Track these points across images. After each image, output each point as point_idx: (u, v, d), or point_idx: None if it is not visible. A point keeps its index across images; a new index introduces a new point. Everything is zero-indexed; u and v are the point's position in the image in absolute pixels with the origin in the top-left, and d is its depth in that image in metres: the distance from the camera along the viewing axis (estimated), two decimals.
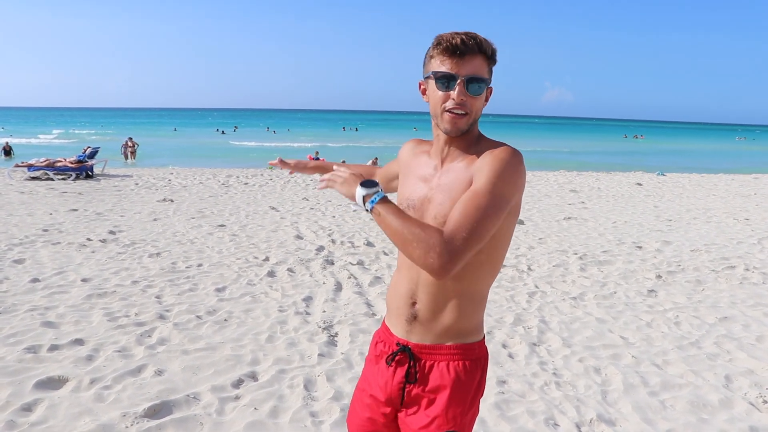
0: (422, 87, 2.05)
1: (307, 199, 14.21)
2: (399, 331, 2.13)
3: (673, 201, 16.16)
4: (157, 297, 6.33)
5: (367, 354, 2.35)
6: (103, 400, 4.11)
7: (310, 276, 7.31)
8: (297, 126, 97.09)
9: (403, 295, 2.10)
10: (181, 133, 67.54)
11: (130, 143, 31.26)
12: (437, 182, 2.02)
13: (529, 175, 21.96)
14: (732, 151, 60.99)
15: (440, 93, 1.94)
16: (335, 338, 5.38)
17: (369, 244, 9.16)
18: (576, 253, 8.92)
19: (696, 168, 32.43)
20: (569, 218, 12.35)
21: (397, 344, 2.11)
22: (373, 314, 5.99)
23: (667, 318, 6.19)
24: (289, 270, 7.52)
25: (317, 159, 27.27)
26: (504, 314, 6.10)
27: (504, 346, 5.31)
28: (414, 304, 2.07)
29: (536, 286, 7.14)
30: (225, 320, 5.70)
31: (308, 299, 6.41)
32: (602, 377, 4.77)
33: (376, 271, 7.64)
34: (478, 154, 1.95)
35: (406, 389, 2.08)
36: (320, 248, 8.79)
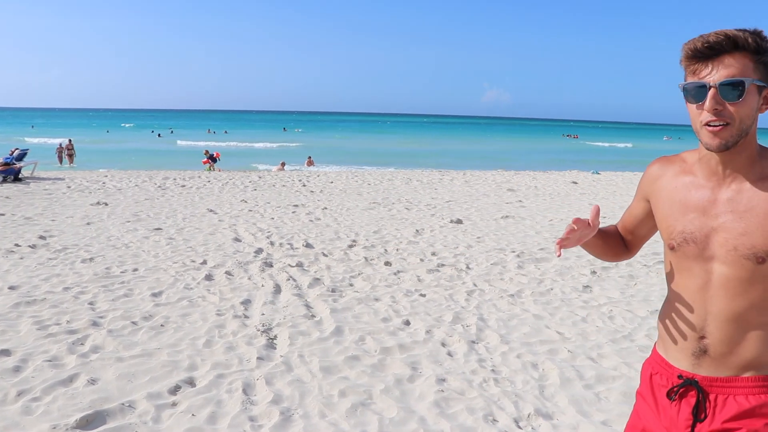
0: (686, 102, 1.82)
1: (246, 201, 14.05)
2: (683, 364, 1.88)
3: (607, 199, 16.56)
4: (91, 303, 6.16)
5: (638, 389, 2.07)
6: (31, 413, 3.97)
7: (249, 279, 7.23)
8: (237, 127, 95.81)
9: (686, 329, 1.86)
10: (114, 135, 65.89)
11: (69, 146, 30.18)
12: (724, 209, 1.77)
13: (468, 175, 22.22)
14: (662, 150, 62.79)
15: (693, 107, 1.73)
16: (274, 341, 5.33)
17: (308, 245, 9.12)
18: (513, 251, 9.05)
19: (630, 165, 33.32)
20: (507, 217, 12.53)
21: (679, 377, 1.88)
22: (313, 316, 5.97)
23: (601, 312, 6.33)
24: (227, 273, 7.42)
25: (212, 157, 26.68)
26: (443, 313, 6.15)
27: (443, 344, 5.34)
28: (702, 338, 1.83)
29: (475, 285, 7.22)
30: (161, 325, 5.59)
31: (247, 302, 6.33)
32: (539, 372, 4.84)
33: (315, 272, 7.60)
34: None
35: (696, 428, 1.84)
36: (259, 250, 8.70)
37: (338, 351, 5.12)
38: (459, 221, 11.74)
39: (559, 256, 1.91)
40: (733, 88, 1.66)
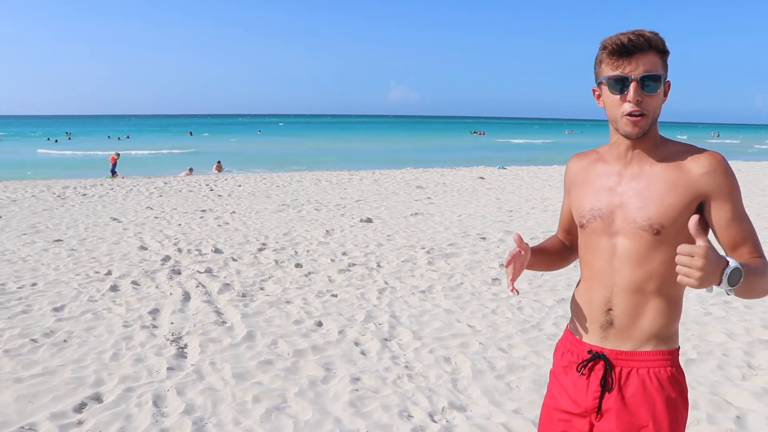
0: (596, 93, 2.02)
1: (152, 208, 13.67)
2: (591, 338, 2.06)
3: (513, 193, 16.99)
4: None
5: (552, 368, 2.22)
6: None
7: (156, 287, 7.03)
8: (140, 132, 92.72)
9: (596, 303, 2.03)
10: (2, 142, 62.58)
11: None
12: (627, 188, 1.97)
13: (377, 174, 22.34)
14: (565, 144, 64.95)
15: (615, 97, 1.90)
16: (185, 350, 5.21)
17: (217, 250, 8.95)
18: (423, 248, 9.15)
19: (534, 160, 34.28)
20: (416, 214, 12.67)
21: (589, 351, 2.05)
22: (224, 322, 5.86)
23: (510, 304, 6.48)
24: (134, 283, 7.19)
25: (115, 163, 25.98)
26: (355, 312, 6.16)
27: (356, 343, 5.35)
28: (609, 310, 2.00)
29: (386, 282, 7.26)
30: (64, 341, 5.36)
31: (155, 312, 6.16)
32: (452, 366, 4.92)
33: (225, 277, 7.47)
34: (677, 159, 1.93)
35: (604, 398, 2.00)
36: (166, 258, 8.47)
37: (251, 356, 5.05)
38: (369, 220, 11.78)
39: (516, 293, 2.05)
40: (652, 82, 1.87)
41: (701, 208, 1.92)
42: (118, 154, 27.89)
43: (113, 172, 25.53)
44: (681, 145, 1.99)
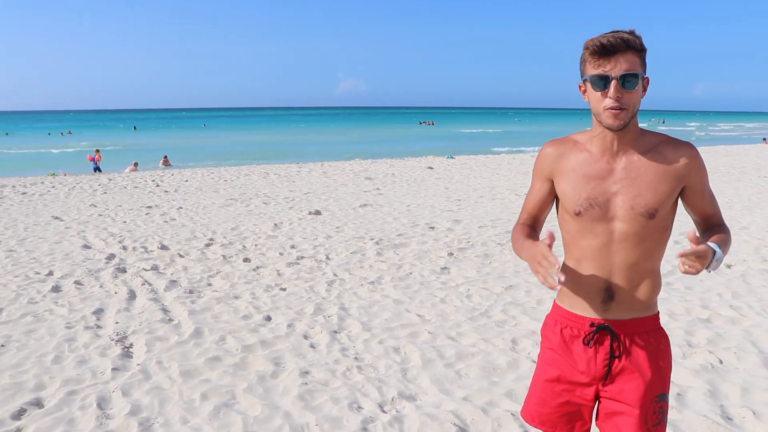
0: (582, 89, 2.18)
1: (95, 206, 13.36)
2: (593, 312, 2.25)
3: (461, 182, 17.10)
4: None
5: (543, 343, 2.40)
6: None
7: (101, 287, 6.87)
8: (82, 127, 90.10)
9: (594, 282, 2.22)
10: None
11: None
12: (621, 178, 2.16)
13: (326, 166, 22.25)
14: (513, 132, 65.71)
15: (597, 93, 2.09)
16: (130, 349, 5.10)
17: (163, 247, 8.79)
18: (372, 239, 9.15)
19: (482, 149, 34.57)
20: (365, 205, 12.66)
21: (591, 324, 2.25)
22: (170, 320, 5.76)
23: (459, 292, 6.52)
24: (77, 282, 7.01)
25: (96, 159, 25.71)
26: (304, 305, 6.12)
27: (305, 337, 5.32)
28: (609, 286, 2.21)
29: (335, 275, 7.23)
30: (2, 346, 5.19)
31: (99, 312, 6.02)
32: (401, 356, 4.92)
33: (171, 274, 7.34)
34: (661, 150, 2.18)
35: (613, 365, 2.23)
36: (111, 256, 8.29)
37: (198, 353, 4.97)
38: (317, 212, 11.73)
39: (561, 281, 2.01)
40: (631, 80, 2.06)
41: (682, 191, 2.22)
42: (98, 150, 27.32)
43: (97, 170, 25.03)
44: (658, 135, 2.23)
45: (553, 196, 2.35)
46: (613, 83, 2.05)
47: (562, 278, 1.98)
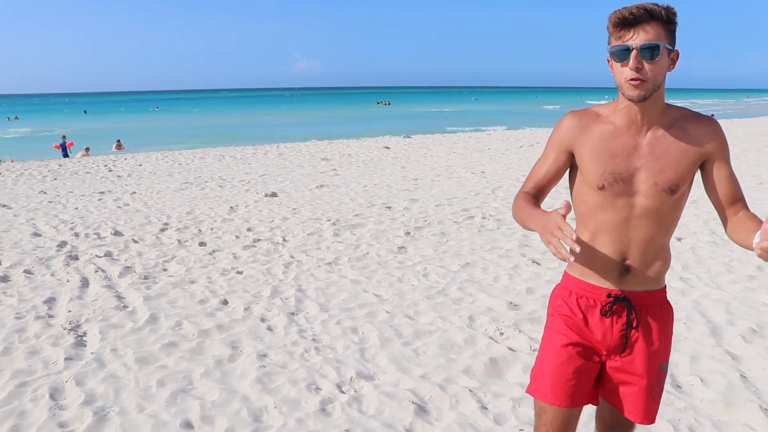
0: (609, 62, 2.14)
1: (45, 192, 13.05)
2: (609, 283, 2.26)
3: (418, 161, 17.13)
4: None
5: (555, 312, 2.36)
6: None
7: (52, 275, 6.72)
8: (27, 112, 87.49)
9: (611, 255, 2.23)
10: None
11: None
12: (645, 153, 2.16)
13: (282, 147, 22.09)
14: (470, 111, 66.02)
15: (619, 65, 2.07)
16: (84, 338, 5.02)
17: (117, 233, 8.64)
18: (329, 220, 9.13)
19: (439, 128, 34.66)
20: (322, 186, 12.61)
21: (609, 295, 2.26)
22: (125, 306, 5.67)
23: (416, 271, 6.56)
24: (27, 272, 6.85)
25: (65, 144, 25.27)
26: (261, 288, 6.08)
27: (263, 319, 5.29)
28: (626, 259, 2.23)
29: (292, 257, 7.21)
30: None
31: (50, 300, 5.89)
32: (359, 336, 4.93)
33: (125, 260, 7.23)
34: (683, 125, 2.18)
35: (630, 336, 2.27)
36: (62, 244, 8.12)
37: (154, 339, 4.91)
38: (274, 194, 11.65)
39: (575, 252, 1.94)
40: (650, 51, 2.03)
41: (702, 166, 2.23)
42: (64, 136, 26.68)
43: (66, 156, 24.48)
44: (681, 110, 2.23)
45: (566, 169, 2.33)
46: (633, 54, 2.03)
47: (577, 249, 1.89)
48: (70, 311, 5.60)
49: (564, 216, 1.95)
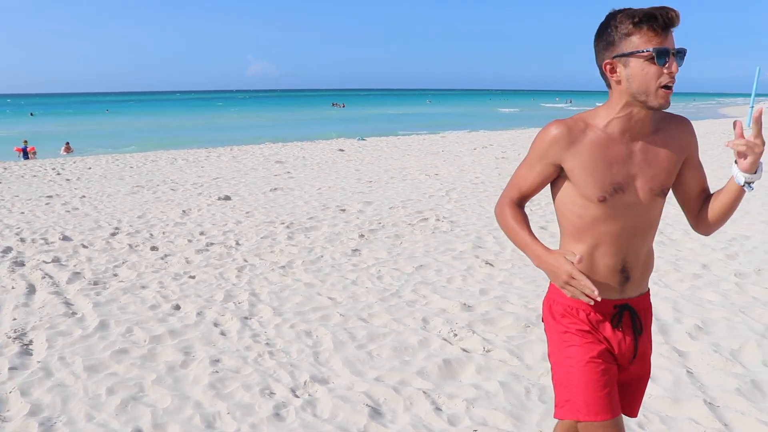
0: (611, 66, 2.05)
1: None
2: (612, 294, 2.23)
3: (372, 164, 17.15)
4: None
5: (569, 330, 2.26)
6: None
7: None
8: None
9: (610, 267, 2.20)
10: None
11: None
12: (639, 159, 2.13)
13: (235, 150, 21.89)
14: (424, 114, 66.35)
15: (653, 69, 1.97)
16: (30, 347, 4.89)
17: (65, 238, 8.46)
18: (283, 223, 9.08)
19: (393, 131, 34.75)
20: (276, 189, 12.54)
21: (615, 306, 2.24)
22: (74, 313, 5.56)
23: (370, 274, 6.56)
24: None
25: (26, 149, 24.74)
26: (214, 292, 6.02)
27: (216, 324, 5.24)
28: (625, 268, 2.21)
29: (245, 260, 7.15)
30: None
31: None
32: (313, 339, 4.92)
33: (74, 266, 7.08)
34: (665, 127, 2.18)
35: (639, 343, 2.28)
36: (7, 249, 7.90)
37: (104, 346, 4.82)
38: (227, 198, 11.54)
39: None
40: (683, 56, 2.01)
41: (683, 164, 2.24)
42: (26, 141, 26.03)
43: (26, 157, 23.89)
44: (658, 111, 2.15)
45: (549, 180, 2.24)
46: (671, 58, 1.96)
47: (597, 297, 1.99)
48: (15, 319, 5.46)
49: (575, 264, 2.02)
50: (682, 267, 6.58)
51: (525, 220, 2.22)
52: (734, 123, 2.06)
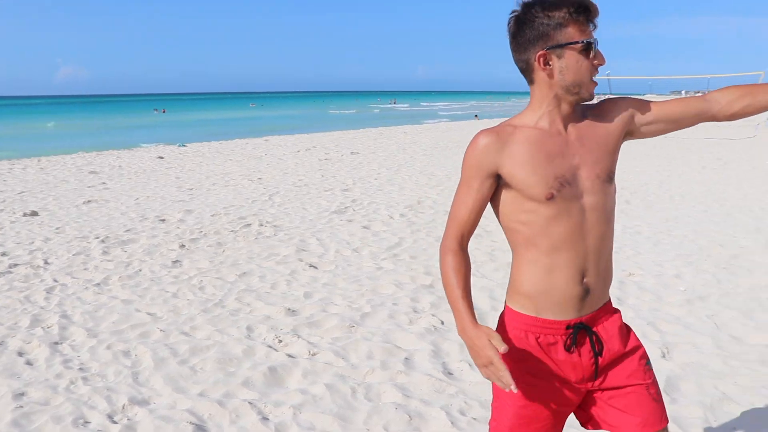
0: (544, 58, 1.93)
1: None
2: (568, 314, 2.03)
3: (194, 170, 16.65)
4: None
5: (516, 365, 2.02)
6: None
7: None
8: None
9: (571, 278, 2.00)
10: None
11: None
12: (577, 147, 2.00)
13: (43, 161, 20.42)
14: (247, 117, 65.43)
15: (586, 61, 1.92)
16: None
17: None
18: (98, 237, 8.57)
19: (215, 136, 33.93)
20: (89, 201, 11.82)
21: (567, 327, 2.02)
22: None
23: (192, 285, 6.36)
24: None
25: None
26: (18, 318, 5.54)
27: (20, 354, 4.82)
28: (584, 278, 2.01)
29: (55, 280, 6.66)
30: None
31: None
32: (132, 359, 4.69)
33: None
34: (590, 112, 2.06)
35: (599, 361, 2.05)
36: None
37: None
38: (34, 213, 10.71)
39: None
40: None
41: (631, 131, 2.10)
42: None
43: None
44: None
45: (489, 196, 2.06)
46: (598, 49, 1.94)
47: (515, 390, 1.85)
48: None
49: (498, 351, 1.84)
50: (497, 257, 6.94)
51: (464, 274, 2.02)
52: None
